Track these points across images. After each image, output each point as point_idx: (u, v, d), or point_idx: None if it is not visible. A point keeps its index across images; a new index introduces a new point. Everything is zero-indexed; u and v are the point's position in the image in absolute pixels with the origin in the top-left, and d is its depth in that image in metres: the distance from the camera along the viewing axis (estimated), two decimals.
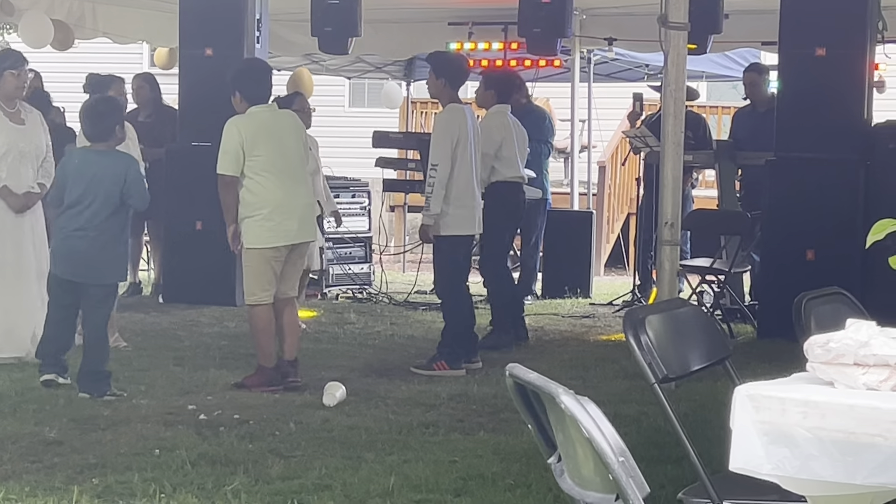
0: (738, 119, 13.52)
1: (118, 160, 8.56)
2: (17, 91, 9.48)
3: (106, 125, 8.60)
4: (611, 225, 18.70)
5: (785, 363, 4.01)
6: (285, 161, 8.80)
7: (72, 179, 8.42)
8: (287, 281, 8.95)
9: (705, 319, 4.83)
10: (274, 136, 8.79)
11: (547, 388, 3.18)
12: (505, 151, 10.76)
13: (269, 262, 8.75)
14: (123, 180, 8.43)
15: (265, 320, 8.82)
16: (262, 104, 8.88)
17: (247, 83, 8.94)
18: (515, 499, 6.14)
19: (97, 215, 8.38)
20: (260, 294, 8.76)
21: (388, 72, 19.66)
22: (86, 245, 8.37)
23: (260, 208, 8.71)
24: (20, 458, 6.76)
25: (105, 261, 8.43)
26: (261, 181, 8.70)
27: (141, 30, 16.39)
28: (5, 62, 9.47)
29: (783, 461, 3.46)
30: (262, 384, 8.72)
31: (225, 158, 8.73)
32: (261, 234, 8.72)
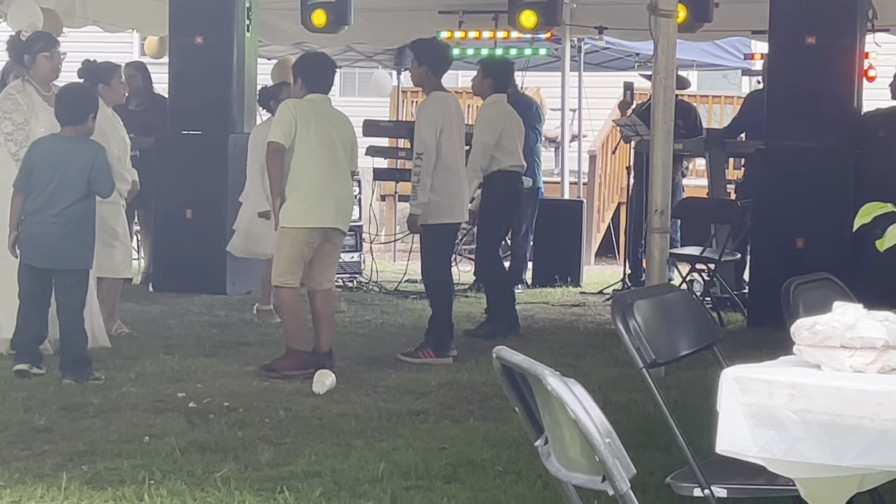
0: (750, 103, 13.47)
1: (86, 147, 8.53)
2: (52, 73, 9.37)
3: (80, 112, 8.59)
4: (601, 214, 18.71)
5: (774, 350, 4.01)
6: (331, 151, 8.85)
7: (39, 165, 8.38)
8: (324, 271, 8.97)
9: (694, 304, 4.83)
10: (325, 124, 8.87)
11: (533, 369, 3.18)
12: (505, 140, 10.77)
13: (301, 245, 8.75)
14: (91, 167, 8.41)
15: (292, 303, 8.83)
16: (320, 93, 8.98)
17: (311, 73, 9.06)
18: (505, 485, 6.15)
19: (63, 201, 8.35)
20: (287, 276, 8.76)
21: (378, 60, 19.65)
22: (54, 232, 8.35)
23: (299, 189, 8.75)
24: (9, 446, 6.76)
25: (72, 247, 8.41)
26: (303, 163, 8.76)
27: (131, 18, 16.37)
28: (37, 44, 9.33)
29: (770, 443, 3.47)
30: (293, 367, 8.71)
31: (277, 128, 8.84)
32: (296, 214, 8.74)
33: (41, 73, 9.30)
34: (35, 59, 9.31)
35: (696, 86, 21.39)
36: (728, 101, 19.63)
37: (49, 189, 8.35)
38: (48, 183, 8.35)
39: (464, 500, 5.87)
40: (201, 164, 12.81)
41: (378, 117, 16.99)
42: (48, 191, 8.35)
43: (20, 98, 9.16)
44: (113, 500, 5.78)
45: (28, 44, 9.37)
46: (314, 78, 9.03)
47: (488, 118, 10.84)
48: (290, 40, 16.54)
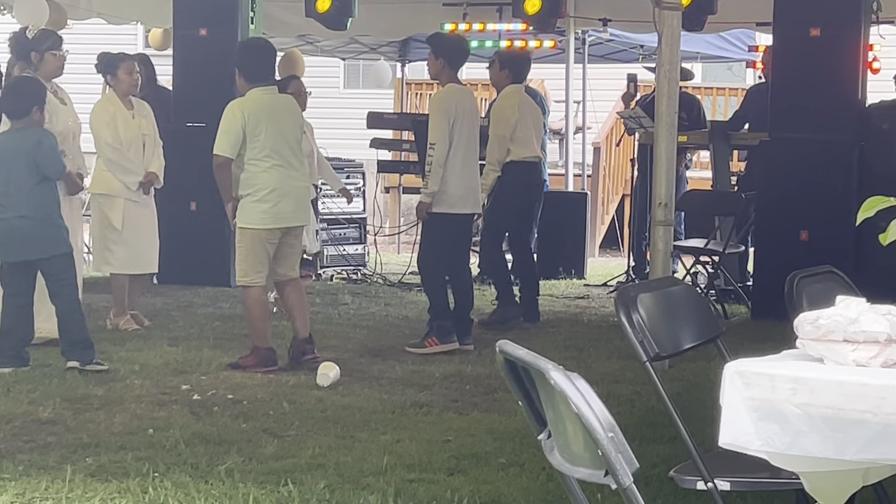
0: (752, 96, 13.47)
1: (29, 134, 8.53)
2: (58, 71, 9.44)
3: (24, 104, 8.60)
4: (605, 206, 18.70)
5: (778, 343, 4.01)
6: (284, 145, 8.81)
7: None
8: (286, 263, 8.96)
9: (697, 298, 4.84)
10: (274, 119, 8.79)
11: (536, 364, 3.18)
12: (519, 132, 10.78)
13: (263, 243, 8.75)
14: (35, 151, 8.43)
15: (258, 301, 8.83)
16: (262, 84, 8.87)
17: (247, 63, 8.96)
18: (508, 478, 6.16)
19: (23, 192, 8.37)
20: (252, 276, 8.76)
21: (382, 52, 19.63)
22: (25, 223, 8.37)
23: (257, 190, 8.72)
24: (14, 438, 6.78)
25: (46, 233, 8.44)
26: (259, 163, 8.71)
27: (135, 10, 16.35)
28: (45, 43, 9.42)
29: (773, 437, 3.47)
30: (257, 364, 8.73)
31: (223, 139, 8.74)
32: (255, 214, 8.72)
33: (48, 70, 9.34)
34: (43, 56, 9.35)
35: (701, 78, 21.35)
36: (732, 94, 19.61)
37: (5, 185, 8.37)
38: (4, 178, 8.37)
39: (467, 492, 5.87)
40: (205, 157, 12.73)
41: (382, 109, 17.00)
42: (5, 187, 8.36)
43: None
44: (117, 492, 5.79)
45: (36, 42, 9.43)
46: (251, 68, 8.91)
47: (503, 110, 10.85)
48: (294, 32, 16.53)
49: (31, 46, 9.41)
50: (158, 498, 5.72)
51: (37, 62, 9.36)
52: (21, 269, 8.47)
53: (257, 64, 8.93)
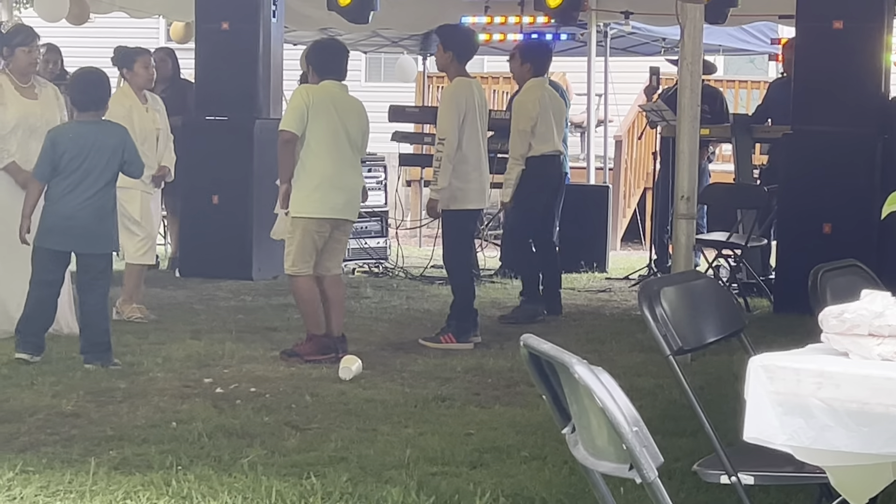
0: (773, 89, 13.44)
1: (115, 130, 8.58)
2: (30, 67, 9.42)
3: (98, 95, 8.62)
4: (627, 199, 18.68)
5: (801, 336, 4.00)
6: (344, 140, 8.83)
7: (69, 152, 8.37)
8: (332, 258, 8.98)
9: (720, 292, 4.83)
10: (339, 112, 8.82)
11: (561, 358, 3.18)
12: (540, 127, 10.76)
13: (312, 234, 8.76)
14: (122, 150, 8.47)
15: (307, 290, 8.83)
16: (333, 79, 8.92)
17: (322, 60, 9.02)
18: (531, 471, 6.16)
19: (95, 186, 8.38)
20: (300, 265, 8.77)
21: (404, 46, 19.63)
22: (88, 216, 8.37)
23: (310, 178, 8.73)
24: (38, 431, 6.80)
25: (103, 231, 8.46)
26: (315, 152, 8.73)
27: (157, 4, 16.40)
28: (15, 38, 9.42)
29: (798, 432, 3.46)
30: (314, 352, 8.73)
31: (289, 116, 8.78)
32: (306, 203, 8.74)
33: (19, 65, 9.34)
34: (14, 52, 9.36)
35: (723, 70, 21.32)
36: (755, 86, 19.56)
37: (78, 174, 8.35)
38: (77, 168, 8.35)
39: (490, 485, 5.87)
40: (227, 150, 12.84)
41: (404, 102, 17.00)
42: (77, 176, 8.34)
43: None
44: (141, 485, 5.80)
45: (7, 37, 9.46)
46: (325, 65, 8.98)
47: (524, 104, 10.84)
48: (315, 26, 16.53)
49: (3, 42, 9.44)
50: (182, 491, 5.72)
51: (7, 57, 9.39)
52: (63, 258, 8.48)
53: (329, 59, 9.00)
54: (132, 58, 10.36)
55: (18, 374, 8.09)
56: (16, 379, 7.96)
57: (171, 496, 5.68)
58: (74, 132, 8.52)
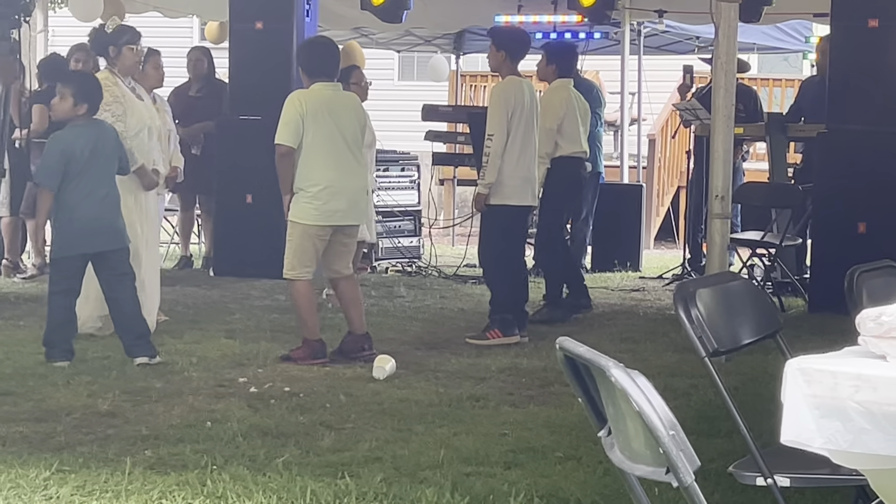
0: (805, 88, 13.40)
1: (107, 127, 8.67)
2: (135, 66, 9.43)
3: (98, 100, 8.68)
4: (661, 198, 18.65)
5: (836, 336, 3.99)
6: (341, 141, 8.79)
7: (76, 155, 8.41)
8: (340, 261, 8.96)
9: (756, 293, 4.81)
10: (334, 114, 8.77)
11: (597, 361, 3.18)
12: (566, 126, 10.76)
13: (312, 240, 8.75)
14: (118, 146, 8.60)
15: (305, 295, 8.83)
16: (325, 80, 8.87)
17: (308, 59, 8.98)
18: (566, 471, 6.15)
19: (106, 184, 8.47)
20: (299, 270, 8.76)
21: (437, 45, 19.65)
22: (109, 214, 8.47)
23: (310, 185, 8.71)
24: (74, 430, 6.83)
25: (120, 226, 8.57)
26: (314, 158, 8.70)
27: (191, 4, 16.46)
28: (123, 37, 9.40)
29: (835, 435, 3.45)
30: (308, 357, 8.75)
31: (284, 129, 8.73)
32: (307, 210, 8.72)
33: (125, 64, 9.34)
34: (121, 51, 9.35)
35: (757, 69, 21.25)
36: (789, 84, 19.49)
37: (90, 176, 8.42)
38: (88, 170, 8.42)
39: (524, 486, 5.86)
40: (261, 150, 12.80)
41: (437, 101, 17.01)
42: (89, 178, 8.42)
43: (116, 90, 9.20)
44: (176, 485, 5.82)
45: (114, 36, 9.43)
46: (315, 67, 8.90)
47: (551, 104, 10.84)
48: (349, 25, 16.58)
49: (109, 41, 9.42)
50: (217, 491, 5.74)
51: (115, 56, 9.39)
52: (81, 263, 8.52)
53: (319, 60, 8.92)
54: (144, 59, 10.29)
55: (55, 374, 8.13)
56: (52, 378, 8.00)
57: (206, 496, 5.70)
58: (73, 134, 8.57)
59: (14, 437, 6.65)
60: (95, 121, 8.63)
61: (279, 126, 8.78)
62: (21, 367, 8.35)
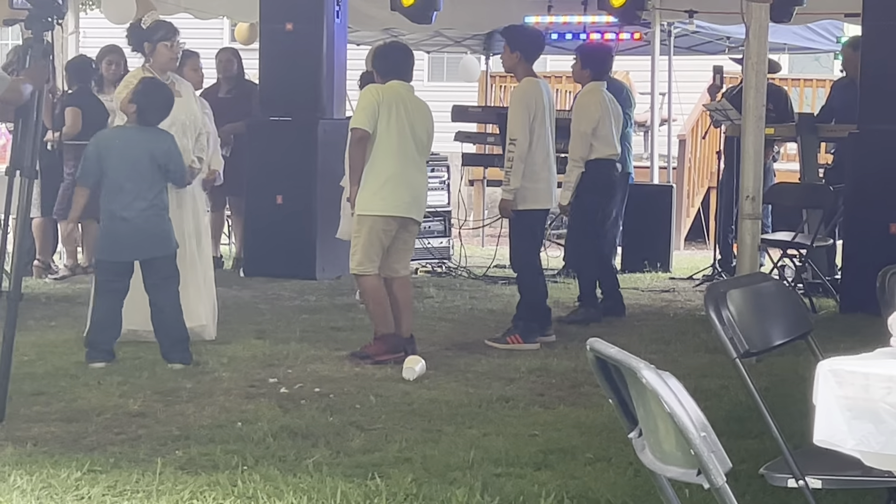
0: (836, 88, 13.36)
1: (162, 137, 8.63)
2: (171, 62, 9.41)
3: (168, 113, 8.69)
4: (691, 199, 18.60)
5: (868, 338, 3.97)
6: (410, 139, 8.83)
7: (118, 159, 8.43)
8: (400, 260, 8.98)
9: (787, 294, 4.80)
10: (407, 111, 8.83)
11: (628, 362, 3.18)
12: (601, 129, 10.74)
13: (378, 233, 8.76)
14: (163, 154, 8.53)
15: (375, 289, 8.84)
16: (400, 80, 8.94)
17: (387, 62, 9.06)
18: (596, 472, 6.14)
19: (150, 193, 8.45)
20: (366, 264, 8.78)
21: (467, 45, 19.64)
22: (146, 224, 8.44)
23: (376, 177, 8.74)
24: (105, 430, 6.86)
25: (167, 233, 8.55)
26: (382, 150, 8.74)
27: (222, 5, 16.50)
28: (158, 33, 9.42)
29: (867, 436, 3.44)
30: (385, 352, 8.74)
31: (361, 114, 8.77)
32: (373, 202, 8.74)
33: (160, 61, 9.34)
34: (156, 47, 9.36)
35: (788, 69, 21.18)
36: (820, 85, 19.43)
37: (129, 182, 8.41)
38: (126, 176, 8.42)
39: (554, 487, 5.86)
40: (291, 150, 12.89)
41: (467, 102, 17.00)
42: (128, 184, 8.41)
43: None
44: (207, 485, 5.84)
45: (149, 32, 9.44)
46: (391, 67, 9.00)
47: (585, 106, 10.81)
48: (379, 26, 16.59)
49: (145, 37, 9.44)
50: (247, 491, 5.76)
51: (149, 53, 9.41)
52: (128, 267, 8.54)
53: (395, 63, 9.02)
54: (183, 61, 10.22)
55: (86, 375, 8.16)
56: (83, 379, 8.04)
57: (236, 496, 5.71)
58: (121, 138, 8.59)
59: (46, 437, 6.68)
60: (148, 128, 8.59)
61: (356, 111, 8.86)
62: (53, 367, 8.39)
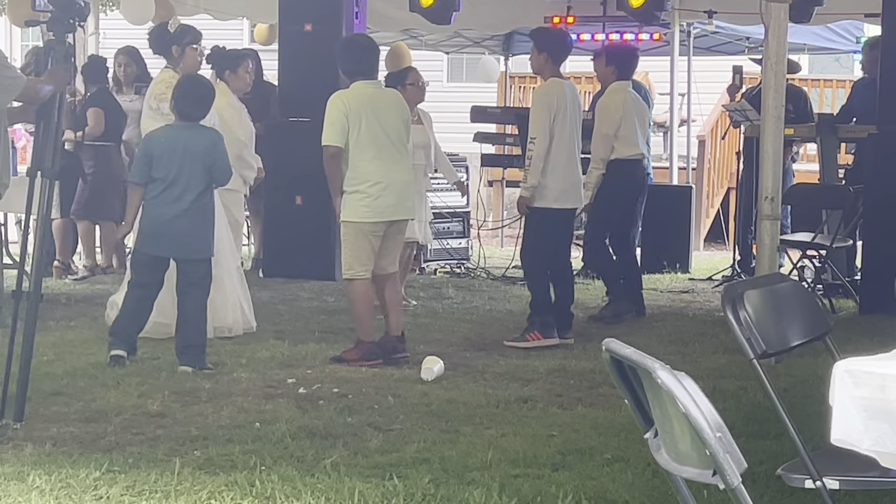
0: (857, 89, 13.33)
1: (207, 134, 8.63)
2: (197, 66, 9.53)
3: (206, 107, 8.69)
4: (710, 199, 18.57)
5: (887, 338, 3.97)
6: (386, 137, 8.81)
7: (159, 156, 8.44)
8: (386, 257, 8.98)
9: (805, 294, 4.79)
10: (377, 111, 8.79)
11: (643, 363, 3.17)
12: (623, 130, 10.74)
13: (367, 237, 8.78)
14: (212, 155, 8.52)
15: (362, 295, 8.86)
16: (364, 79, 8.89)
17: (346, 59, 9.00)
18: (613, 473, 6.14)
19: (191, 191, 8.43)
20: (357, 269, 8.80)
21: (486, 46, 19.64)
22: (186, 223, 8.43)
23: (359, 183, 8.74)
24: (123, 430, 6.87)
25: (201, 237, 8.53)
26: (360, 156, 8.73)
27: (241, 6, 16.53)
28: (186, 37, 9.51)
29: (883, 437, 3.43)
30: (362, 358, 8.77)
31: (330, 130, 8.76)
32: (358, 208, 8.75)
33: (189, 64, 9.42)
34: (184, 50, 9.43)
35: (808, 69, 21.13)
36: (840, 85, 19.38)
37: (172, 179, 8.42)
38: (171, 173, 8.42)
39: (572, 487, 5.86)
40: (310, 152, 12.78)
41: (485, 103, 17.00)
42: (171, 181, 8.42)
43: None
44: (225, 485, 5.85)
45: (177, 36, 9.52)
46: (352, 66, 8.95)
47: (607, 107, 10.82)
48: (398, 27, 16.60)
49: (173, 41, 9.51)
50: (265, 491, 5.76)
51: (178, 56, 9.45)
52: (161, 264, 8.57)
53: (355, 60, 8.94)
54: (237, 61, 10.40)
55: (105, 375, 8.18)
56: (102, 379, 8.06)
57: (254, 496, 5.72)
58: (167, 136, 8.59)
59: (64, 437, 6.70)
60: (193, 124, 8.60)
61: (325, 127, 8.80)
62: (72, 367, 8.41)
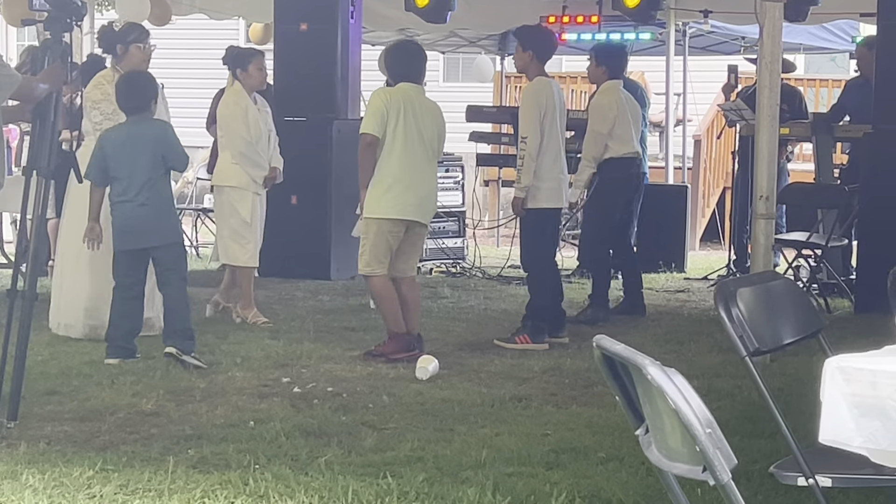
0: (850, 88, 13.34)
1: (154, 125, 8.69)
2: (143, 64, 9.47)
3: (147, 98, 8.72)
4: (706, 199, 18.58)
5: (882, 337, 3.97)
6: (419, 141, 8.84)
7: (117, 154, 8.50)
8: (406, 261, 9.01)
9: (797, 292, 4.79)
10: (416, 113, 8.84)
11: (633, 359, 3.17)
12: (618, 129, 10.75)
13: (385, 235, 8.79)
14: (162, 144, 8.56)
15: (384, 288, 8.86)
16: (411, 82, 8.94)
17: (393, 64, 9.11)
18: (608, 472, 6.14)
19: (150, 182, 8.50)
20: (374, 265, 8.81)
21: (482, 46, 19.63)
22: (148, 212, 8.51)
23: (383, 179, 8.76)
24: (117, 429, 6.87)
25: (164, 223, 8.60)
26: (390, 153, 8.76)
27: (236, 5, 16.52)
28: (130, 35, 9.51)
29: (874, 434, 3.43)
30: (397, 350, 8.77)
31: (370, 119, 8.80)
32: (380, 204, 8.77)
33: (132, 62, 9.39)
34: (128, 48, 9.42)
35: (803, 69, 21.14)
36: (836, 85, 19.36)
37: (129, 175, 8.49)
38: (127, 169, 8.49)
39: (566, 486, 5.86)
40: (305, 151, 12.89)
41: (481, 102, 16.99)
42: (129, 177, 8.49)
43: (109, 88, 9.22)
44: (219, 484, 5.84)
45: (122, 34, 9.51)
46: (401, 69, 9.02)
47: (601, 106, 10.82)
48: (394, 27, 16.59)
49: (117, 39, 9.51)
50: (259, 490, 5.76)
51: (121, 54, 9.46)
52: (135, 258, 8.59)
53: (405, 63, 9.03)
54: (248, 59, 10.40)
55: (99, 374, 8.18)
56: (97, 378, 8.06)
57: (248, 495, 5.72)
58: (117, 134, 8.66)
59: (58, 435, 6.70)
60: (141, 118, 8.65)
61: (365, 116, 8.89)
62: (66, 366, 8.41)
